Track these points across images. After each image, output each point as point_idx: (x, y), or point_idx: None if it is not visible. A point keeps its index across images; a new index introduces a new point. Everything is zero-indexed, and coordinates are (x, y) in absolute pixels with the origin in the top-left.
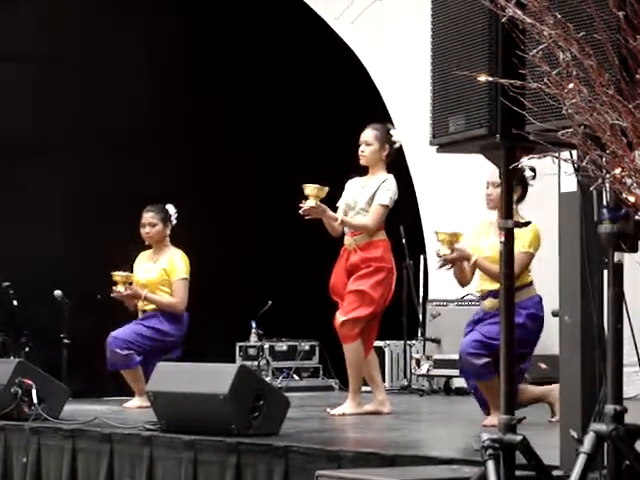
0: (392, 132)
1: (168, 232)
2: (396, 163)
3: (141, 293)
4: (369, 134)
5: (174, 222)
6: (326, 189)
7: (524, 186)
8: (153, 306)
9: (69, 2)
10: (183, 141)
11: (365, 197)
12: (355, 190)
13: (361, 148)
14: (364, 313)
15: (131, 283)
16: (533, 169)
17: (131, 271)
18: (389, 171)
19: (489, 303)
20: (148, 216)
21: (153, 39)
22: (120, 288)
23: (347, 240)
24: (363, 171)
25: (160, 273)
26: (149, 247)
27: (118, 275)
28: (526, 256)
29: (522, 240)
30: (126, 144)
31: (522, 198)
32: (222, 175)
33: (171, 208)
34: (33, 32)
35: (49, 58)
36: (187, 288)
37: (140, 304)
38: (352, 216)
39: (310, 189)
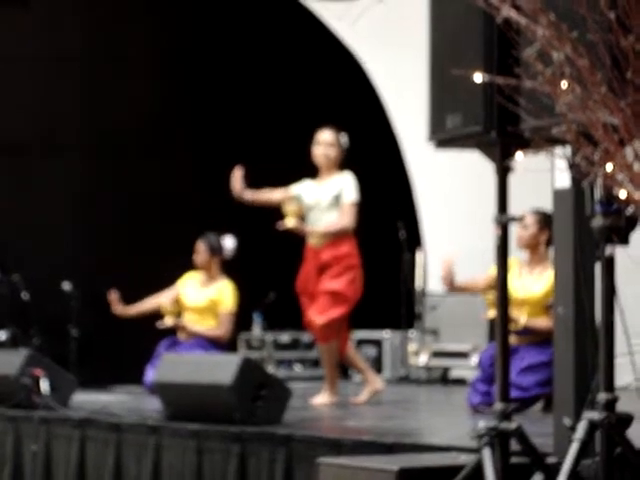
0: (342, 137)
1: (216, 261)
2: (393, 157)
3: (187, 326)
4: (333, 137)
5: (228, 254)
6: (273, 196)
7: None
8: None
9: (73, 2)
10: (183, 140)
11: (328, 196)
12: (313, 191)
13: (322, 150)
14: (340, 313)
15: (178, 314)
16: None
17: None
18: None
19: (512, 339)
20: (197, 243)
21: (156, 39)
22: (168, 320)
23: (313, 240)
24: (311, 173)
25: (208, 302)
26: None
27: (168, 308)
28: None
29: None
30: (135, 143)
31: (551, 240)
32: (225, 169)
33: (228, 240)
34: (37, 32)
35: (53, 58)
36: (233, 322)
37: (182, 335)
38: (313, 215)
39: (290, 209)
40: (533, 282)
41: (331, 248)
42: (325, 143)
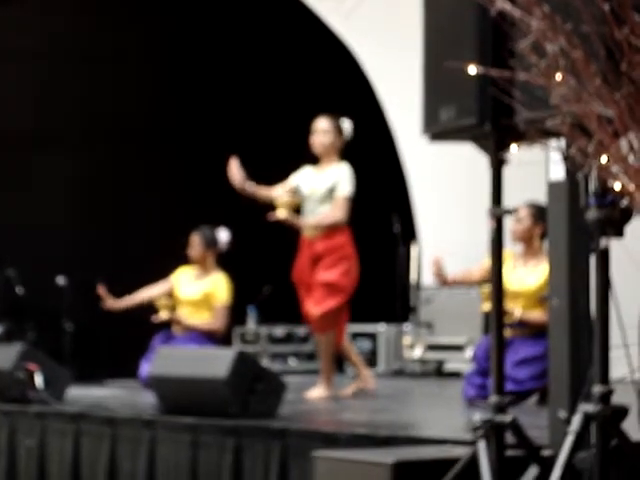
0: (344, 122)
1: (211, 255)
2: (388, 150)
3: (182, 321)
4: (326, 123)
5: (223, 247)
6: (298, 200)
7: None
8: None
9: None
10: (181, 135)
11: (323, 187)
12: (310, 180)
13: (318, 137)
14: (336, 303)
15: (173, 308)
16: None
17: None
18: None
19: (506, 332)
20: (192, 237)
21: (153, 35)
22: (163, 314)
23: (308, 231)
24: (313, 160)
25: (202, 295)
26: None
27: (163, 302)
28: None
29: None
30: (130, 138)
31: (545, 233)
32: (220, 163)
33: (223, 233)
34: (34, 28)
35: (50, 54)
36: (228, 315)
37: (177, 329)
38: (308, 206)
39: (281, 201)
40: (527, 274)
41: (325, 239)
42: (320, 131)
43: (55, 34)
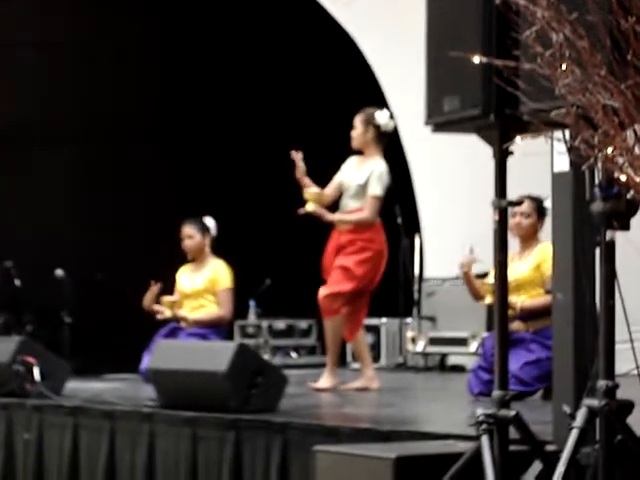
0: (377, 115)
1: (207, 243)
2: (391, 142)
3: (187, 318)
4: (356, 118)
5: (214, 234)
6: (326, 195)
7: (544, 215)
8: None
9: None
10: (184, 130)
11: (356, 184)
12: (350, 172)
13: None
14: (345, 288)
15: (180, 306)
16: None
17: (170, 284)
18: (384, 152)
19: (517, 325)
20: (186, 229)
21: (153, 35)
22: (167, 312)
23: (339, 222)
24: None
25: (205, 282)
26: (190, 261)
27: (167, 301)
28: None
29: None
30: (130, 132)
31: (542, 226)
32: (223, 159)
33: (209, 221)
34: (34, 27)
35: (50, 54)
36: (233, 299)
37: (184, 324)
38: (344, 199)
39: (310, 194)
40: (521, 265)
41: (351, 232)
42: (353, 125)
43: (55, 34)
